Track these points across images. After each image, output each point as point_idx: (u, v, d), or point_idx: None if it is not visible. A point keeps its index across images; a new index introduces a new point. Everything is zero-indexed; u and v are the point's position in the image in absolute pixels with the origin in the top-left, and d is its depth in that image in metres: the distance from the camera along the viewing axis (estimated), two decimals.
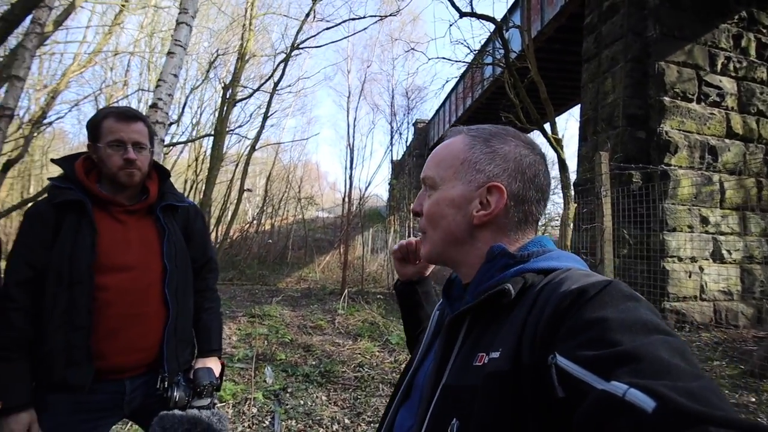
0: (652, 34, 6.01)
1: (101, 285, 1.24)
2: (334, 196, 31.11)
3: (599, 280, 0.52)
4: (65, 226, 1.23)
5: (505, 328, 0.55)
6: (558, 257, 0.64)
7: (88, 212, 1.25)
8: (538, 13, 9.35)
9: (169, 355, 1.34)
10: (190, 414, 1.22)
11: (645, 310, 0.47)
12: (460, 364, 0.58)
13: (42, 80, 10.09)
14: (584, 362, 0.42)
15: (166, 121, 3.22)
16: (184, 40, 3.14)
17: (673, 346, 0.42)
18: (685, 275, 5.60)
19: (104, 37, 8.98)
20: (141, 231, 1.35)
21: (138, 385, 1.32)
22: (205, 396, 1.35)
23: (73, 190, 1.26)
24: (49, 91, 8.54)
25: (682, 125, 5.90)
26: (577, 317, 0.47)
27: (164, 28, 11.76)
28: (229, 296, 8.64)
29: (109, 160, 1.28)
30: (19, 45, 3.86)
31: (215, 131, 9.49)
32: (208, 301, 1.54)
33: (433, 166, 0.73)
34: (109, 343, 1.24)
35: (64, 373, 1.19)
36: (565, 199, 6.04)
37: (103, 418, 1.29)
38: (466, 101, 15.44)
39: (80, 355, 1.20)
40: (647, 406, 0.35)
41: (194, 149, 14.55)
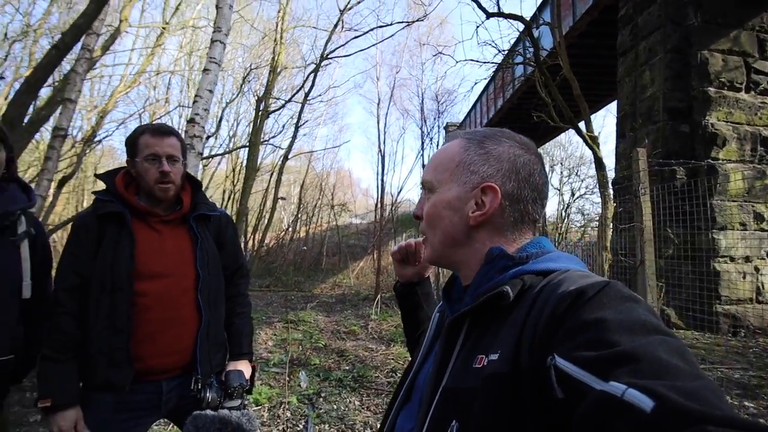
0: (693, 23, 5.71)
1: (139, 291, 1.31)
2: (366, 202, 31.38)
3: (597, 281, 0.52)
4: (107, 236, 1.32)
5: (503, 329, 0.55)
6: (556, 258, 0.64)
7: (128, 223, 1.34)
8: (570, 9, 9.10)
9: (202, 358, 1.40)
10: (221, 414, 1.28)
11: (643, 310, 0.47)
12: (460, 367, 0.58)
13: (92, 101, 10.81)
14: (583, 363, 0.42)
15: (203, 135, 3.36)
16: (219, 57, 3.27)
17: (672, 347, 0.41)
18: (739, 276, 5.24)
19: (147, 59, 9.52)
20: (176, 240, 1.43)
21: (174, 386, 1.39)
22: (236, 397, 1.41)
23: (114, 202, 1.35)
24: (99, 111, 9.12)
25: (729, 116, 5.56)
26: (575, 318, 0.47)
27: (201, 46, 12.33)
28: (266, 303, 8.86)
29: (147, 173, 1.37)
30: (71, 70, 4.17)
31: (250, 142, 9.81)
32: (240, 306, 1.60)
33: (431, 170, 0.75)
34: (147, 346, 1.32)
35: (106, 373, 1.27)
36: (603, 199, 5.80)
37: (142, 417, 1.37)
38: (497, 102, 15.20)
39: (121, 356, 1.28)
40: (646, 405, 0.35)
41: (231, 160, 15.08)
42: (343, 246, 18.93)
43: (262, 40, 13.04)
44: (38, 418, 2.86)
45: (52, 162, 3.59)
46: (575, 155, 20.42)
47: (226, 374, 1.44)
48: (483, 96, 17.02)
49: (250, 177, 8.88)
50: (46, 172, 3.53)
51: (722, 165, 5.37)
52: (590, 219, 18.09)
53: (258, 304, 8.55)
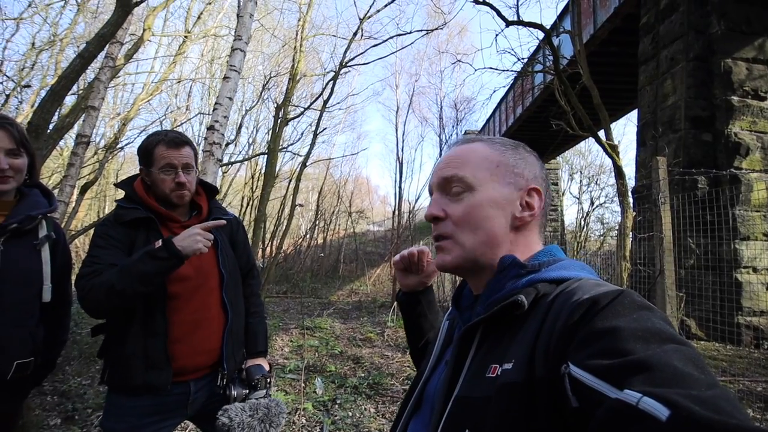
0: (716, 31, 5.63)
1: (171, 293, 1.36)
2: (384, 209, 31.42)
3: (611, 289, 0.52)
4: (138, 241, 1.36)
5: (517, 339, 0.55)
6: (568, 266, 0.64)
7: (156, 228, 1.38)
8: (590, 17, 9.04)
9: (228, 355, 1.45)
10: (251, 402, 1.36)
11: (657, 319, 0.47)
12: (473, 376, 0.58)
13: (115, 109, 11.17)
14: (597, 371, 0.42)
15: (223, 142, 3.44)
16: (239, 64, 3.36)
17: (687, 355, 0.41)
18: (762, 287, 5.09)
19: (169, 67, 9.79)
20: None
21: (201, 386, 1.43)
22: (260, 388, 1.46)
23: (139, 209, 1.39)
24: (121, 118, 9.41)
25: (753, 125, 5.43)
26: (589, 327, 0.47)
27: (223, 54, 12.62)
28: (283, 309, 8.95)
29: (163, 183, 1.40)
30: (95, 78, 4.32)
31: (269, 149, 9.98)
32: (254, 306, 1.66)
33: (461, 166, 0.70)
34: (179, 347, 1.36)
35: (145, 376, 1.30)
36: (623, 208, 5.72)
37: (167, 419, 1.40)
38: (516, 110, 15.12)
39: (159, 358, 1.31)
40: (661, 414, 0.35)
41: (250, 167, 15.34)
42: (360, 253, 18.99)
43: (282, 48, 13.29)
44: (58, 422, 2.92)
45: (75, 168, 3.68)
46: (595, 163, 20.13)
47: (246, 370, 1.49)
48: (502, 104, 16.96)
49: (269, 184, 9.03)
50: (69, 178, 3.62)
51: (745, 175, 5.25)
52: (610, 228, 17.76)
53: (275, 310, 8.64)
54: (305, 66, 12.79)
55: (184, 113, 12.56)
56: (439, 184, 0.72)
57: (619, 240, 5.84)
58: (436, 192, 0.73)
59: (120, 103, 12.16)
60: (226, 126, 3.41)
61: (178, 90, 12.74)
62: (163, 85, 10.10)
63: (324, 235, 20.04)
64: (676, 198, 4.35)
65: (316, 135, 11.98)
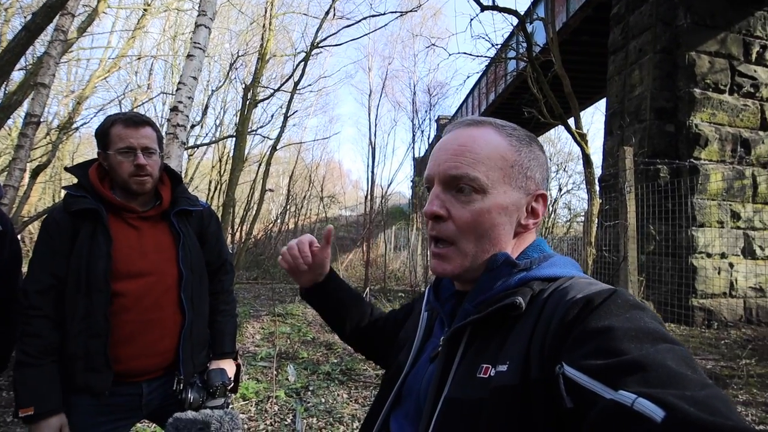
0: (682, 24, 5.79)
1: (118, 291, 1.26)
2: (356, 194, 31.32)
3: (604, 288, 0.52)
4: (81, 234, 1.25)
5: (511, 339, 0.54)
6: (559, 263, 0.63)
7: (103, 220, 1.26)
8: (564, 5, 9.12)
9: (185, 359, 1.36)
10: (203, 414, 1.26)
11: (650, 319, 0.47)
12: (463, 376, 0.57)
13: (69, 86, 10.48)
14: (592, 372, 0.42)
15: (187, 124, 3.28)
16: (204, 42, 3.18)
17: (680, 355, 0.42)
18: (714, 272, 5.41)
19: (128, 42, 9.24)
20: (156, 237, 1.37)
21: (155, 388, 1.35)
22: (219, 396, 1.38)
23: (88, 198, 1.27)
24: (76, 96, 8.84)
25: (713, 117, 5.67)
26: (583, 327, 0.47)
27: (186, 30, 12.02)
28: (253, 295, 8.81)
29: (120, 167, 1.28)
30: (45, 53, 4.00)
31: (237, 132, 9.66)
32: (223, 304, 1.55)
33: (474, 164, 0.63)
34: (125, 349, 1.27)
35: (84, 377, 1.22)
36: (590, 196, 5.89)
37: (122, 419, 1.33)
38: (489, 96, 15.24)
39: (99, 361, 1.22)
40: (656, 416, 0.34)
41: (218, 150, 14.83)
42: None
43: (251, 26, 12.77)
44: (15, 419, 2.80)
45: (25, 150, 3.42)
46: (564, 151, 20.62)
47: (207, 373, 1.41)
48: (475, 90, 17.06)
49: (238, 168, 8.76)
50: (18, 161, 3.37)
51: (704, 165, 5.49)
52: (576, 214, 18.35)
53: (245, 296, 8.49)
54: (275, 46, 12.37)
55: (146, 92, 11.96)
56: (446, 179, 0.65)
57: (586, 226, 6.02)
58: (438, 185, 0.66)
59: (74, 80, 11.41)
60: (191, 107, 3.25)
61: (138, 67, 12.10)
62: (121, 62, 9.55)
63: (295, 220, 19.77)
64: (640, 187, 4.50)
65: (286, 118, 11.70)
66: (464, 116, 12.42)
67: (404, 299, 8.36)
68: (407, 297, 8.62)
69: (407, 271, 11.06)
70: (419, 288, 9.28)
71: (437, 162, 0.66)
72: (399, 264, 12.85)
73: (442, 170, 0.65)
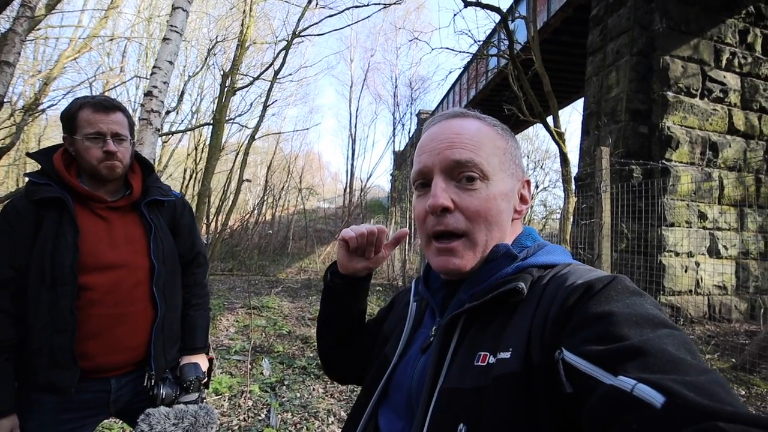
0: (658, 28, 5.93)
1: (85, 285, 1.20)
2: (336, 186, 31.13)
3: (604, 274, 0.52)
4: (46, 224, 1.18)
5: (511, 326, 0.54)
6: (555, 251, 0.64)
7: (69, 210, 1.20)
8: (545, 4, 9.22)
9: (157, 354, 1.31)
10: (177, 409, 1.23)
11: (650, 305, 0.47)
12: (460, 365, 0.55)
13: (36, 65, 9.98)
14: (592, 357, 0.42)
15: (162, 110, 3.16)
16: (180, 25, 3.07)
17: (679, 340, 0.42)
18: (681, 270, 5.61)
19: (100, 22, 8.85)
20: (126, 228, 1.31)
21: (124, 384, 1.30)
22: (192, 391, 1.35)
23: (52, 186, 1.21)
24: (43, 76, 8.42)
25: (684, 121, 5.85)
26: (583, 312, 0.47)
27: (162, 12, 11.60)
28: (228, 287, 8.67)
29: (88, 153, 1.23)
30: (9, 30, 3.78)
31: (214, 120, 9.41)
32: (196, 297, 1.50)
33: (477, 150, 0.62)
34: (93, 344, 1.21)
35: (48, 375, 1.15)
36: (566, 194, 6.01)
37: (88, 417, 1.27)
38: (470, 92, 15.32)
39: (64, 357, 1.16)
40: (656, 401, 0.34)
41: (194, 138, 14.44)
42: (310, 230, 18.73)
43: (230, 11, 12.41)
44: None
45: None
46: (541, 149, 20.99)
47: (180, 368, 1.37)
48: (456, 85, 17.12)
49: (214, 156, 8.54)
50: None
51: (674, 166, 5.67)
52: (552, 211, 18.74)
53: (220, 288, 8.34)
54: (255, 32, 12.07)
55: (118, 75, 11.50)
56: (448, 167, 0.62)
57: (561, 224, 6.16)
58: (440, 176, 0.63)
59: (42, 60, 10.86)
60: (166, 92, 3.13)
61: (111, 49, 11.60)
62: (92, 42, 9.14)
63: (273, 211, 19.51)
64: (614, 186, 4.61)
65: (265, 107, 11.46)
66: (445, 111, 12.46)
67: (381, 292, 8.39)
68: (384, 290, 8.65)
69: (385, 265, 11.08)
70: (396, 281, 9.32)
71: (434, 152, 0.64)
72: None
73: (444, 158, 0.62)
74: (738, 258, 6.01)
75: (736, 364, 4.03)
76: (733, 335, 5.16)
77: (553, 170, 19.06)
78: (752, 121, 6.32)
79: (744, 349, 4.23)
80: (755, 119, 6.35)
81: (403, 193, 16.57)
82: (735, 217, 6.04)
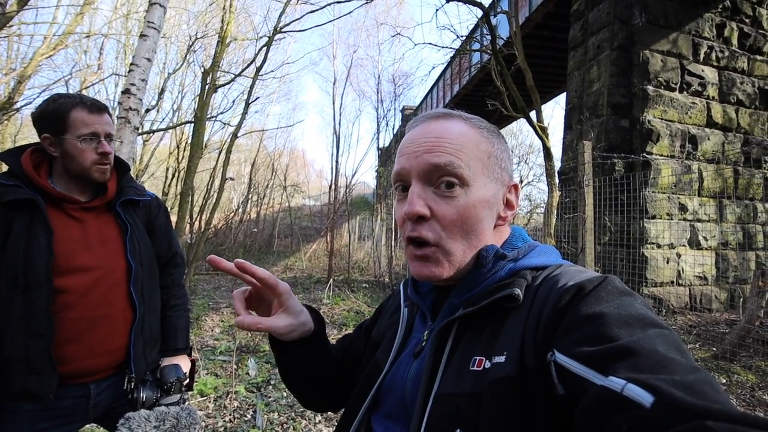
0: (638, 23, 6.01)
1: (60, 287, 1.17)
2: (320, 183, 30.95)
3: (595, 275, 0.53)
4: (16, 226, 1.14)
5: (505, 330, 0.54)
6: (546, 252, 0.64)
7: (42, 211, 1.17)
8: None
9: (137, 356, 1.29)
10: (158, 411, 1.20)
11: (640, 305, 0.47)
12: (455, 371, 0.55)
13: (10, 63, 9.64)
14: (582, 358, 0.42)
15: (141, 108, 3.09)
16: (158, 22, 3.00)
17: (669, 340, 0.42)
18: (663, 261, 5.72)
19: (76, 18, 8.57)
20: (100, 229, 1.29)
21: (104, 388, 1.27)
22: (174, 392, 1.33)
23: (22, 187, 1.17)
24: (17, 74, 8.15)
25: (664, 114, 5.95)
26: (574, 313, 0.47)
27: (140, 9, 11.31)
28: (213, 287, 8.55)
29: (82, 155, 1.21)
30: None
31: (195, 118, 9.22)
32: (174, 298, 1.49)
33: (457, 152, 0.59)
34: (71, 348, 1.18)
35: (25, 381, 1.12)
36: (550, 188, 6.06)
37: (66, 425, 1.23)
38: (453, 88, 15.35)
39: (42, 362, 1.13)
40: (645, 401, 0.35)
41: (175, 136, 14.16)
42: (296, 228, 18.61)
43: (210, 7, 12.18)
44: None
45: None
46: (525, 143, 21.19)
47: (160, 370, 1.35)
48: (440, 81, 17.13)
49: (196, 155, 8.37)
50: None
51: (655, 160, 5.76)
52: (536, 205, 18.95)
53: (204, 288, 8.22)
54: (236, 29, 11.87)
55: (96, 73, 11.20)
56: (426, 171, 0.59)
57: (545, 218, 6.21)
58: (417, 182, 0.60)
59: (16, 58, 10.50)
60: (145, 90, 3.05)
61: (88, 46, 11.28)
62: (68, 39, 8.87)
63: (257, 209, 19.31)
64: (597, 180, 4.67)
65: (248, 104, 11.28)
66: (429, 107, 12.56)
67: (368, 289, 8.37)
68: (371, 288, 8.63)
69: (371, 262, 11.07)
70: (383, 278, 9.31)
71: (412, 155, 0.61)
72: (363, 254, 12.84)
73: (421, 162, 0.60)
74: (718, 249, 6.15)
75: (716, 353, 4.12)
76: (713, 325, 5.28)
77: (537, 165, 19.28)
78: (730, 114, 6.46)
79: (724, 339, 4.34)
80: (732, 112, 6.48)
81: (389, 189, 16.57)
82: (714, 209, 6.17)
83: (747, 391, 3.39)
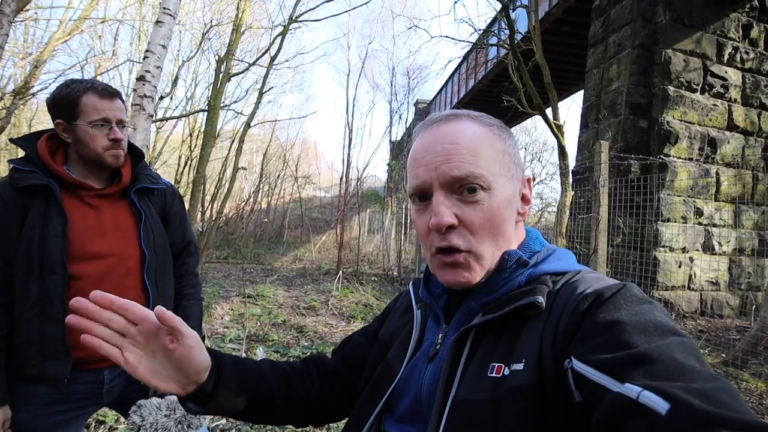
0: (661, 21, 5.86)
1: (75, 274, 1.18)
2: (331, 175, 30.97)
3: (613, 283, 0.53)
4: (32, 212, 1.15)
5: (524, 336, 0.53)
6: (563, 257, 0.64)
7: (56, 197, 1.17)
8: None
9: None
10: (168, 399, 1.21)
11: (659, 312, 0.47)
12: (473, 376, 0.55)
13: (26, 48, 9.74)
14: (600, 365, 0.42)
15: (155, 95, 3.10)
16: (174, 8, 2.99)
17: (688, 348, 0.42)
18: (675, 265, 5.63)
19: (91, 4, 8.62)
20: (115, 216, 1.29)
21: (118, 374, 1.29)
22: None
23: (38, 173, 1.17)
24: (33, 59, 8.23)
25: (684, 116, 5.82)
26: (591, 321, 0.47)
27: None
28: (223, 275, 8.63)
29: (94, 140, 1.21)
30: None
31: (209, 106, 9.25)
32: (188, 287, 1.49)
33: (475, 160, 0.59)
34: None
35: (40, 365, 1.14)
36: (563, 187, 5.98)
37: (81, 408, 1.26)
38: (468, 83, 15.21)
39: (57, 347, 1.15)
40: (661, 408, 0.35)
41: (189, 124, 14.25)
42: (306, 219, 18.69)
43: None
44: None
45: None
46: (539, 141, 20.95)
47: None
48: (455, 75, 16.98)
49: (209, 143, 8.41)
50: None
51: (673, 162, 5.65)
52: (547, 204, 18.77)
53: (215, 276, 8.30)
54: (251, 17, 11.85)
55: (110, 59, 11.26)
56: (447, 183, 0.59)
57: (557, 217, 6.14)
58: (439, 191, 0.59)
59: (32, 42, 10.60)
60: (160, 77, 3.06)
61: (103, 31, 11.33)
62: (83, 24, 8.92)
63: (268, 199, 19.42)
64: (612, 180, 4.59)
65: (261, 94, 11.29)
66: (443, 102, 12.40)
67: (377, 282, 8.38)
68: (379, 281, 8.64)
69: (380, 255, 11.08)
70: (392, 272, 9.31)
71: (431, 166, 0.60)
72: (372, 247, 12.86)
73: (441, 173, 0.59)
74: (732, 254, 6.04)
75: (726, 360, 4.06)
76: (724, 331, 5.20)
77: (551, 163, 19.07)
78: (752, 117, 6.29)
79: (735, 345, 4.27)
80: (755, 116, 6.32)
81: (400, 183, 16.52)
82: (731, 214, 6.04)
83: (756, 399, 3.34)
